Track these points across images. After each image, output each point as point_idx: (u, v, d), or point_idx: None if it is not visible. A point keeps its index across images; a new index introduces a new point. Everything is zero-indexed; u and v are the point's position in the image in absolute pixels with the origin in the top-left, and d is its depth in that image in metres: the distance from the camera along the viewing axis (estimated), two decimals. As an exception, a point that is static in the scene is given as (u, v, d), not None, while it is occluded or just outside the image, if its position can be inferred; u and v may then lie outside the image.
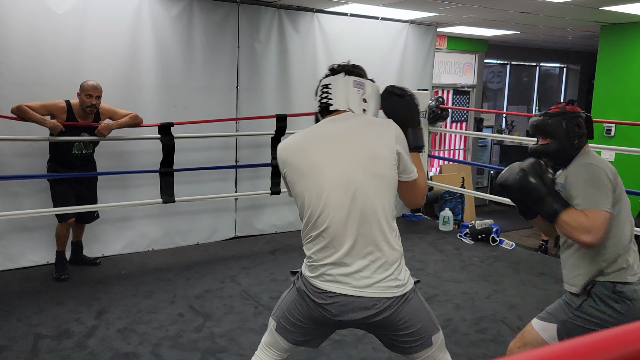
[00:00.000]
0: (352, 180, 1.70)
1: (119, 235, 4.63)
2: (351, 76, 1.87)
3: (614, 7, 4.81)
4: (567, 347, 0.43)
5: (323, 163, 1.74)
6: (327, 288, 1.73)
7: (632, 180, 5.49)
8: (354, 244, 1.69)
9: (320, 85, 1.92)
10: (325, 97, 1.88)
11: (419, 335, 1.78)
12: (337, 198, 1.70)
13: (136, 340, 3.13)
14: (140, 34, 4.47)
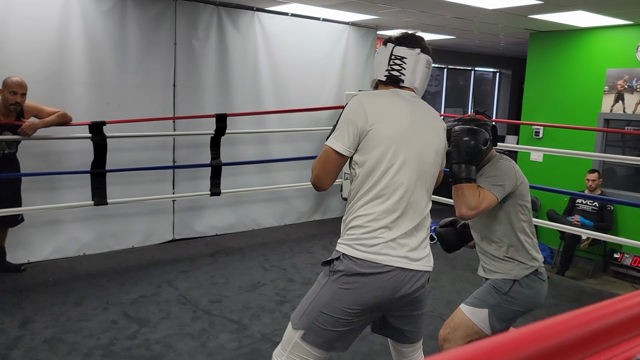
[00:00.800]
0: (424, 158, 1.80)
1: (47, 239, 4.38)
2: (426, 55, 1.85)
3: (541, 16, 5.06)
4: (491, 344, 0.42)
5: (408, 133, 1.77)
6: (391, 263, 1.71)
7: (558, 179, 5.79)
8: (418, 221, 1.78)
9: (392, 54, 1.83)
10: (398, 71, 1.83)
11: (423, 318, 1.94)
12: (412, 172, 1.76)
13: (64, 350, 2.96)
14: (69, 28, 4.25)
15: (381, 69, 1.85)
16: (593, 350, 0.44)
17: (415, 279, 1.76)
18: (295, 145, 5.75)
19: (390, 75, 1.84)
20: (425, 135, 1.82)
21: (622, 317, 0.46)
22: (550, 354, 0.41)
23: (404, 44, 1.83)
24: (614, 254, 5.50)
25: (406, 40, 1.84)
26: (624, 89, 5.42)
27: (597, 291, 4.50)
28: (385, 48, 1.85)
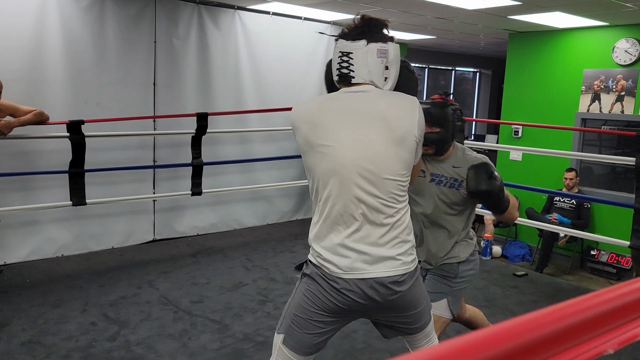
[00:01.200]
0: (374, 161, 1.62)
1: (23, 240, 4.30)
2: (375, 44, 1.66)
3: (520, 16, 5.13)
4: (470, 340, 0.43)
5: (342, 140, 1.62)
6: (347, 277, 1.65)
7: (537, 178, 5.88)
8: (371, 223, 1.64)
9: (339, 51, 1.70)
10: (346, 68, 1.68)
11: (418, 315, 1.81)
12: (354, 175, 1.62)
13: (42, 353, 2.91)
14: (46, 25, 4.18)
15: (334, 69, 1.74)
16: (568, 344, 0.45)
17: (376, 285, 1.64)
18: (277, 144, 5.74)
19: (341, 73, 1.70)
20: (378, 127, 1.63)
21: (596, 312, 0.47)
22: (527, 348, 0.42)
23: (348, 37, 1.68)
24: (591, 251, 5.61)
25: (351, 33, 1.68)
26: (600, 89, 5.53)
27: (574, 287, 4.59)
28: (336, 45, 1.73)
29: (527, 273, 4.67)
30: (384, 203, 1.63)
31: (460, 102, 10.34)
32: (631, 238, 3.71)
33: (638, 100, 5.25)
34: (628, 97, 5.32)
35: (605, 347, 0.47)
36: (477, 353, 0.39)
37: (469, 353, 0.39)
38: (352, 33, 1.68)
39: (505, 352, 0.41)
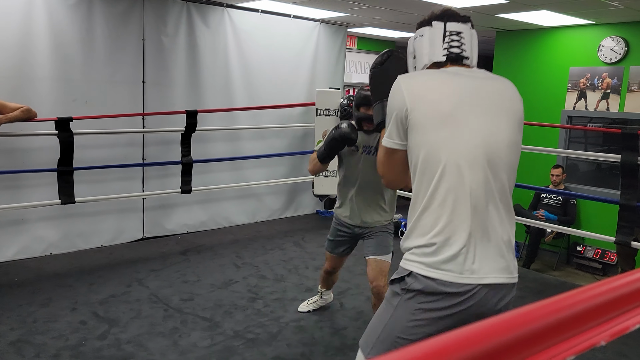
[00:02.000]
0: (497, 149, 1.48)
1: (11, 239, 4.26)
2: (474, 29, 1.62)
3: (507, 15, 5.17)
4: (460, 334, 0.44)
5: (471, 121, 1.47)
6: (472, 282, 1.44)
7: (524, 175, 5.94)
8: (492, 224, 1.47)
9: (447, 30, 1.56)
10: (457, 47, 1.55)
11: None
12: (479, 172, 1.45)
13: (32, 352, 2.89)
14: (33, 22, 4.13)
15: (436, 50, 1.57)
16: (562, 337, 0.47)
17: (499, 295, 1.49)
18: (266, 142, 5.73)
19: (450, 53, 1.56)
20: (491, 113, 1.50)
21: (588, 306, 0.49)
22: (522, 341, 0.44)
23: (455, 19, 1.58)
24: (577, 247, 5.69)
25: (456, 15, 1.59)
26: (586, 86, 5.60)
27: (561, 283, 4.65)
28: (432, 28, 1.58)
29: (514, 269, 4.72)
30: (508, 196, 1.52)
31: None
32: (616, 234, 3.77)
33: (623, 98, 5.33)
34: (613, 94, 5.40)
35: (597, 339, 0.48)
36: (472, 346, 0.41)
37: (465, 347, 0.41)
38: (457, 15, 1.59)
39: (500, 345, 0.42)
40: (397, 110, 1.51)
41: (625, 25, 5.31)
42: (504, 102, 1.53)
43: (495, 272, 1.45)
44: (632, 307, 0.52)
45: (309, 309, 3.56)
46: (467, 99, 1.49)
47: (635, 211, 3.74)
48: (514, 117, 1.53)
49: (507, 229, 1.49)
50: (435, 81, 1.52)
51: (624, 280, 0.52)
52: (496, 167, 1.48)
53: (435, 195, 1.45)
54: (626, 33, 5.30)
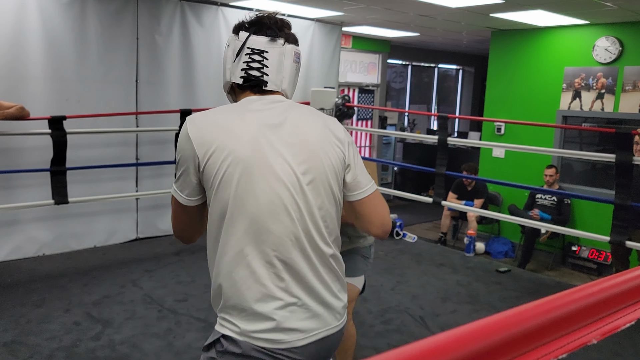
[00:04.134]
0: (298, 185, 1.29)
1: (4, 240, 4.23)
2: (292, 45, 1.38)
3: (502, 14, 5.18)
4: (455, 334, 0.44)
5: (261, 163, 1.27)
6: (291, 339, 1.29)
7: (519, 175, 5.95)
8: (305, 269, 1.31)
9: (247, 48, 1.34)
10: (258, 69, 1.34)
11: None
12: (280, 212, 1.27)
13: (25, 353, 2.87)
14: (26, 21, 4.10)
15: (236, 69, 1.36)
16: (554, 336, 0.46)
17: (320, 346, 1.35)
18: None
19: (249, 76, 1.35)
20: (300, 151, 1.29)
21: (580, 305, 0.49)
22: (515, 340, 0.43)
23: (261, 32, 1.35)
24: (572, 247, 5.70)
25: (264, 28, 1.35)
26: (581, 86, 5.61)
27: (556, 283, 4.66)
28: (237, 38, 1.36)
29: (510, 269, 4.74)
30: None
31: (443, 100, 10.43)
32: (611, 233, 3.78)
33: (618, 98, 5.35)
34: (608, 94, 5.41)
35: (589, 338, 0.48)
36: (464, 346, 0.40)
37: (458, 346, 0.40)
38: (266, 28, 1.35)
39: (494, 344, 0.42)
40: (187, 160, 1.30)
41: (620, 26, 5.32)
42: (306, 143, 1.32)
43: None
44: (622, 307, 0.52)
45: None
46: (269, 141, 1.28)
47: (630, 211, 3.75)
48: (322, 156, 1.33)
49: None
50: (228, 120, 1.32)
51: (614, 281, 0.52)
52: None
53: None
54: (620, 33, 5.32)
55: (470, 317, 3.65)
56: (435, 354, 0.40)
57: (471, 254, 5.59)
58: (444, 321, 3.49)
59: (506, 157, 6.28)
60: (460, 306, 3.81)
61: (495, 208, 6.21)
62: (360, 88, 7.95)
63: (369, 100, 8.14)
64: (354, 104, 7.00)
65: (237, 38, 1.37)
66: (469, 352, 0.41)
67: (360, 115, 8.03)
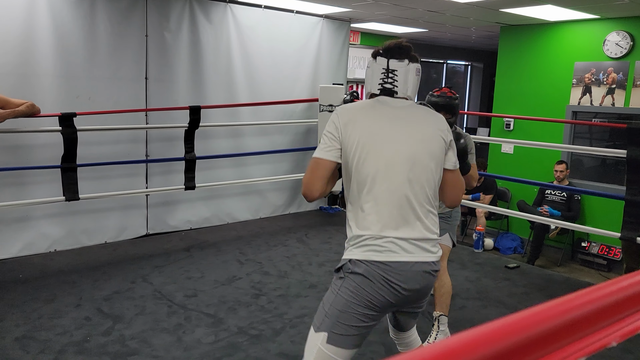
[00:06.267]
0: (416, 157, 1.83)
1: (16, 236, 4.27)
2: (415, 64, 1.94)
3: (511, 10, 5.14)
4: (474, 334, 0.44)
5: (395, 139, 1.84)
6: (406, 259, 1.77)
7: (529, 171, 5.92)
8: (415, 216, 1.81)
9: (383, 68, 1.93)
10: (390, 83, 1.93)
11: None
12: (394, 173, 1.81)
13: (36, 348, 2.90)
14: (36, 19, 4.13)
15: (374, 83, 1.95)
16: (572, 337, 0.46)
17: (419, 273, 1.80)
18: (269, 138, 5.73)
19: (384, 88, 1.93)
20: (408, 136, 1.85)
21: (599, 306, 0.48)
22: (533, 341, 0.43)
23: (394, 57, 1.93)
24: (582, 243, 5.67)
25: (394, 53, 1.93)
26: (591, 81, 5.57)
27: (565, 279, 4.64)
28: (375, 62, 1.95)
29: (518, 265, 4.72)
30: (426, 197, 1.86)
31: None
32: (622, 229, 3.75)
33: (629, 93, 5.30)
34: (619, 89, 5.36)
35: (608, 340, 0.48)
36: (484, 347, 0.40)
37: (477, 348, 0.40)
38: (395, 53, 1.94)
39: (512, 345, 0.42)
40: (333, 131, 1.91)
41: (631, 20, 5.27)
42: (421, 129, 1.91)
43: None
44: (642, 307, 0.51)
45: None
46: (392, 125, 1.89)
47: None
48: (428, 142, 1.90)
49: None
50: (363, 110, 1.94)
51: (634, 279, 0.51)
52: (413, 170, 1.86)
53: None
54: (632, 27, 5.26)
55: (478, 313, 3.64)
56: (450, 357, 0.40)
57: (480, 249, 5.57)
58: (453, 317, 3.48)
59: (515, 152, 6.25)
60: (468, 302, 3.80)
61: (504, 204, 6.19)
62: (368, 84, 7.92)
63: (377, 96, 8.11)
64: (362, 100, 6.98)
65: (375, 62, 1.97)
66: (486, 355, 0.41)
67: (368, 111, 7.99)
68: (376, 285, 1.75)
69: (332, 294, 1.82)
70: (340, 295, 1.78)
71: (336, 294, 1.80)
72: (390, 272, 1.75)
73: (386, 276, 1.75)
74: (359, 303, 1.76)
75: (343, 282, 1.79)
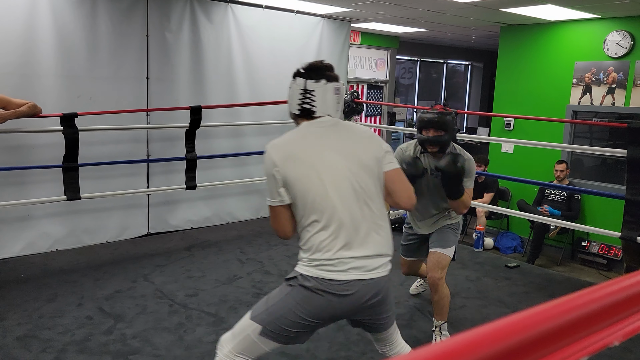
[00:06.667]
0: (350, 173, 1.87)
1: (17, 235, 4.28)
2: (332, 83, 1.98)
3: (512, 9, 5.15)
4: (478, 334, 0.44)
5: (321, 162, 1.88)
6: (348, 277, 1.82)
7: (529, 170, 5.93)
8: (361, 231, 1.85)
9: (300, 89, 1.98)
10: (308, 103, 1.97)
11: (392, 311, 2.06)
12: (341, 192, 1.85)
13: (38, 347, 2.91)
14: (37, 19, 4.13)
15: (294, 103, 2.00)
16: (574, 337, 0.47)
17: (367, 289, 1.86)
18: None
19: (303, 108, 1.98)
20: (345, 151, 1.91)
21: (601, 305, 0.49)
22: (534, 341, 0.44)
23: (310, 77, 1.97)
24: (582, 242, 5.68)
25: (312, 74, 1.98)
26: (592, 81, 5.57)
27: (565, 278, 4.64)
28: (295, 82, 2.01)
29: (519, 264, 4.72)
30: (370, 209, 1.89)
31: (452, 95, 10.38)
32: (622, 229, 3.76)
33: (629, 93, 5.31)
34: (619, 89, 5.37)
35: (610, 340, 0.48)
36: (486, 347, 0.41)
37: (478, 348, 0.41)
38: (312, 74, 1.98)
39: (514, 345, 0.42)
40: (272, 172, 1.97)
41: (631, 19, 5.27)
42: (354, 141, 1.96)
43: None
44: (645, 306, 0.52)
45: (419, 290, 3.82)
46: (326, 143, 1.93)
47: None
48: (364, 152, 1.94)
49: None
50: (296, 137, 2.00)
51: (635, 279, 0.52)
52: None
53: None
54: (632, 27, 5.27)
55: (479, 313, 3.65)
56: (453, 356, 0.40)
57: (480, 249, 5.58)
58: (453, 316, 3.50)
59: (515, 152, 6.25)
60: (469, 301, 3.81)
61: (504, 203, 6.19)
62: (369, 84, 7.93)
63: (378, 96, 8.12)
64: (362, 100, 6.99)
65: (295, 82, 2.01)
66: (487, 355, 0.41)
67: (369, 111, 8.02)
68: (321, 300, 1.83)
69: (279, 295, 1.91)
70: (286, 300, 1.87)
71: (282, 298, 1.88)
72: (335, 289, 1.82)
73: (332, 291, 1.82)
74: (301, 313, 1.85)
75: (292, 290, 1.88)
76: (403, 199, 1.99)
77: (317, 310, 1.85)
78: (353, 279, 1.83)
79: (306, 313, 1.85)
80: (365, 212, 1.87)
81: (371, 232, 1.87)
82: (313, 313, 1.85)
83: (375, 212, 1.89)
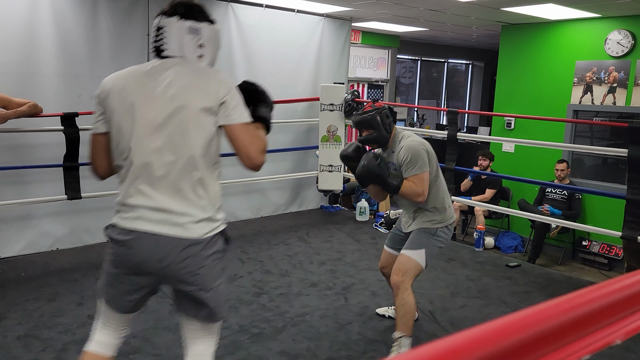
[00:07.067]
0: (165, 122, 1.70)
1: (18, 235, 4.28)
2: (186, 21, 1.77)
3: (513, 8, 5.14)
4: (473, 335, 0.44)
5: (138, 105, 1.72)
6: (132, 226, 1.76)
7: (529, 170, 5.93)
8: (165, 182, 1.72)
9: (155, 26, 1.80)
10: (160, 41, 1.79)
11: (207, 302, 1.80)
12: (147, 139, 1.70)
13: (39, 346, 2.92)
14: (38, 18, 4.13)
15: (151, 42, 1.83)
16: (576, 336, 0.47)
17: (161, 245, 1.71)
18: (270, 137, 5.65)
19: (155, 47, 1.80)
20: (168, 95, 1.71)
21: (602, 304, 0.49)
22: (536, 340, 0.44)
23: (165, 13, 1.79)
24: (583, 242, 5.67)
25: (168, 9, 1.79)
26: (593, 80, 5.57)
27: (566, 278, 4.64)
28: (154, 22, 1.83)
29: (519, 264, 4.72)
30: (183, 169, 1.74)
31: (453, 95, 10.37)
32: (623, 228, 3.76)
33: (630, 92, 5.30)
34: (620, 88, 5.37)
35: (612, 338, 0.48)
36: (487, 346, 0.41)
37: (480, 346, 0.41)
38: (167, 9, 1.78)
39: (516, 343, 0.42)
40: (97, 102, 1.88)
41: (632, 19, 5.27)
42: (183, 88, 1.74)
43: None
44: (646, 305, 0.52)
45: (386, 313, 3.46)
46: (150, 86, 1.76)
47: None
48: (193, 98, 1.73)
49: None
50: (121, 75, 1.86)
51: (636, 278, 0.52)
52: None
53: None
54: (633, 26, 5.26)
55: (480, 312, 3.65)
56: (455, 355, 0.40)
57: (480, 248, 5.57)
58: (454, 316, 3.50)
59: (516, 151, 6.25)
60: (469, 301, 3.81)
61: (505, 203, 6.19)
62: (369, 83, 7.93)
63: (378, 95, 8.12)
64: (363, 99, 6.98)
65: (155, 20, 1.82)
66: (489, 353, 0.41)
67: (369, 110, 8.00)
68: (123, 251, 1.77)
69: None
70: (106, 260, 1.85)
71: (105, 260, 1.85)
72: (135, 240, 1.73)
73: (130, 243, 1.73)
74: (113, 265, 1.83)
75: (107, 247, 1.85)
76: (242, 158, 1.82)
77: (115, 259, 1.81)
78: (137, 230, 1.71)
79: (110, 263, 1.82)
80: (177, 163, 1.70)
81: (181, 185, 1.71)
82: (114, 263, 1.82)
83: (196, 166, 1.73)
